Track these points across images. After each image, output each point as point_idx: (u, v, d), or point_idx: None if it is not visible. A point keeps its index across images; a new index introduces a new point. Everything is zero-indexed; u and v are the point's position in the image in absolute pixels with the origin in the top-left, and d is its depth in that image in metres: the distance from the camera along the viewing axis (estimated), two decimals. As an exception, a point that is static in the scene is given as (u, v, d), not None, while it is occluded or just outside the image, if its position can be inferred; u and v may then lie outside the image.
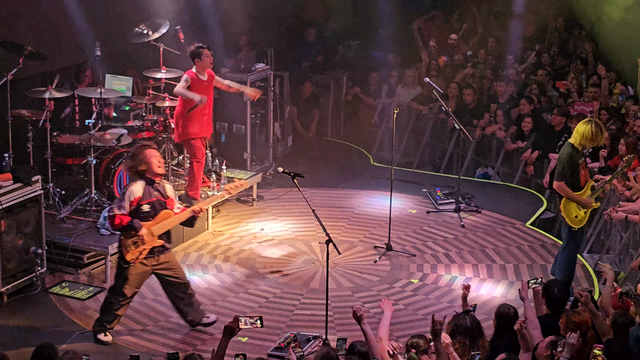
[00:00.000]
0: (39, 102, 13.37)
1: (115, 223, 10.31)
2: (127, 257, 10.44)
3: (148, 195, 10.38)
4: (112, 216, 10.31)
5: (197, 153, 13.23)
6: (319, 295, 11.81)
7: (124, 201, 10.29)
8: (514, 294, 12.03)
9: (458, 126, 14.57)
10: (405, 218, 14.54)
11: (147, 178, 10.40)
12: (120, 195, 10.46)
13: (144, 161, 10.37)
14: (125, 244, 10.41)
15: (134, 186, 10.34)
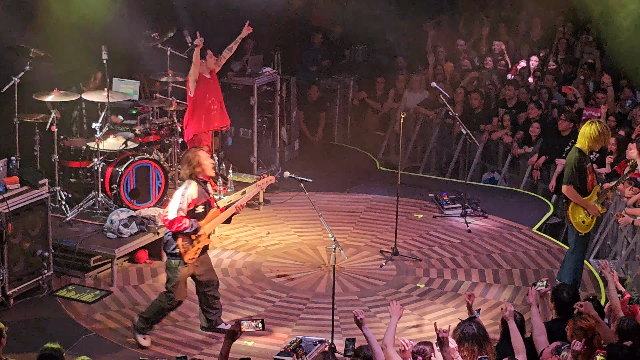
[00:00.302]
0: (46, 106, 13.37)
1: (174, 225, 10.36)
2: (186, 257, 10.50)
3: (202, 196, 10.51)
4: (172, 219, 10.34)
5: None
6: (325, 299, 11.81)
7: (184, 204, 10.35)
8: (520, 299, 12.02)
9: (465, 131, 14.56)
10: (412, 222, 14.53)
11: (199, 180, 10.50)
12: (177, 197, 10.44)
13: (199, 164, 10.47)
14: (183, 245, 10.46)
15: (190, 188, 10.43)
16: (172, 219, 10.36)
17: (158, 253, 13.02)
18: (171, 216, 10.36)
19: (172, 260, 10.59)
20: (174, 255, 10.54)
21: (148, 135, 13.86)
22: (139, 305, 11.80)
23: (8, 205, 11.28)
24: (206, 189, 10.62)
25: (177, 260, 10.54)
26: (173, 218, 10.35)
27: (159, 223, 12.83)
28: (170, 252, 10.59)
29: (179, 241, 10.46)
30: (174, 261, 10.55)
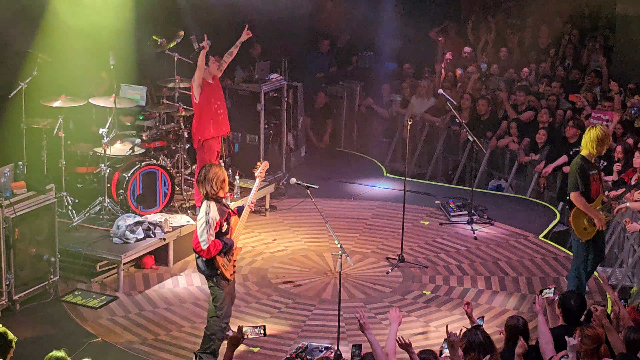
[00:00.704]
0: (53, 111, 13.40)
1: (212, 252, 10.13)
2: (227, 274, 10.34)
3: (222, 213, 10.28)
4: (208, 248, 10.10)
5: (209, 159, 13.24)
6: (331, 305, 11.82)
7: (211, 228, 10.13)
8: (526, 306, 12.02)
9: (471, 138, 14.56)
10: (418, 229, 14.52)
11: (217, 198, 10.30)
12: (202, 224, 10.12)
13: (219, 186, 10.23)
14: (223, 264, 10.29)
15: (212, 211, 10.15)
16: (206, 248, 10.11)
17: (164, 259, 13.05)
18: (205, 245, 10.09)
19: (214, 279, 10.39)
20: (216, 275, 10.36)
21: (155, 141, 13.87)
22: (145, 311, 11.81)
23: (15, 210, 11.30)
24: (224, 205, 10.45)
25: (219, 279, 10.37)
26: (207, 246, 10.10)
27: (165, 229, 12.84)
28: (209, 274, 10.38)
29: (219, 262, 10.27)
30: (216, 279, 10.38)
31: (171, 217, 13.21)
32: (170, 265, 13.08)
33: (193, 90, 13.19)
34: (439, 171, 17.99)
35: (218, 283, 10.34)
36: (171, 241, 13.01)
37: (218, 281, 10.34)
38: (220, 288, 10.36)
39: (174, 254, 13.11)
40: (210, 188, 10.15)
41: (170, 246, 13.02)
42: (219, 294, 10.39)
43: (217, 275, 10.30)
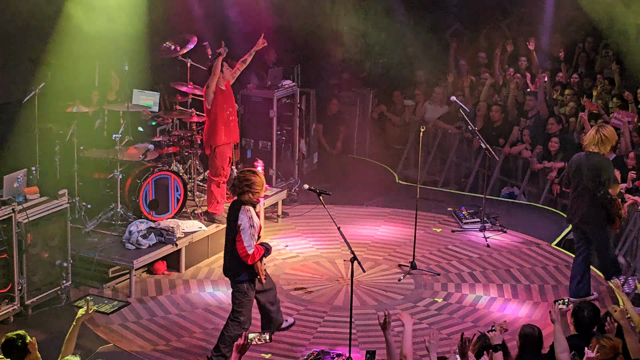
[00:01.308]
0: (66, 117, 13.43)
1: (257, 256, 10.30)
2: (263, 279, 10.51)
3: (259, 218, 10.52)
4: (253, 253, 10.25)
5: (219, 167, 13.26)
6: (343, 312, 11.80)
7: (255, 234, 10.29)
8: (538, 314, 11.99)
9: (484, 145, 14.54)
10: (430, 237, 14.51)
11: (254, 203, 10.43)
12: (247, 229, 10.27)
13: (259, 192, 10.40)
14: (259, 269, 10.42)
15: (254, 217, 10.32)
16: (252, 253, 10.26)
17: (176, 264, 13.05)
18: (251, 250, 10.25)
19: (244, 285, 10.47)
20: (247, 281, 10.45)
21: (167, 147, 13.88)
22: (157, 317, 11.82)
23: (27, 215, 11.32)
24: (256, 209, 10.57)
25: (246, 284, 10.45)
26: (252, 252, 10.26)
27: (177, 234, 12.85)
28: (241, 279, 10.46)
29: (259, 267, 10.38)
30: (245, 285, 10.46)
31: (183, 223, 13.22)
32: (182, 271, 13.09)
33: (206, 96, 13.20)
34: (451, 178, 17.96)
35: (247, 289, 10.43)
36: (183, 247, 13.02)
37: (248, 287, 10.43)
38: (248, 294, 10.46)
39: (186, 260, 13.13)
40: (247, 190, 10.30)
41: (182, 252, 13.03)
42: (245, 300, 10.47)
43: (250, 281, 10.41)
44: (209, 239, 13.48)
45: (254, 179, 10.35)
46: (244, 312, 10.50)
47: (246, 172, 10.43)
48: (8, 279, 11.33)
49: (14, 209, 11.19)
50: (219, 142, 13.29)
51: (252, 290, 10.50)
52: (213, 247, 13.54)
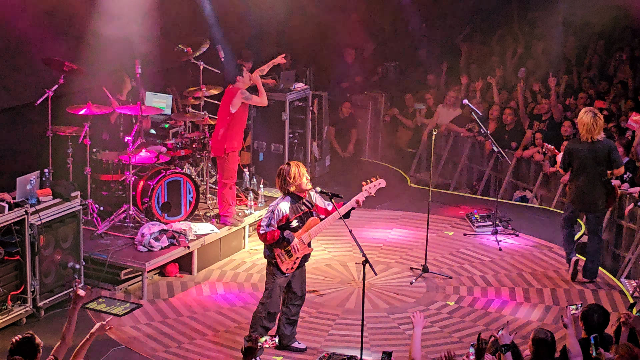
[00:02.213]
0: (79, 119, 13.46)
1: (267, 239, 10.49)
2: (283, 267, 10.60)
3: (295, 211, 10.58)
4: (263, 234, 10.46)
5: (230, 170, 13.27)
6: (355, 315, 11.79)
7: (273, 219, 10.44)
8: (550, 317, 11.97)
9: (496, 149, 14.53)
10: (442, 240, 14.49)
11: (293, 195, 10.55)
12: (269, 212, 10.52)
13: (294, 182, 10.51)
14: (279, 256, 10.57)
15: (281, 204, 10.50)
16: (262, 233, 10.47)
17: (188, 267, 13.07)
18: (262, 230, 10.47)
19: (270, 267, 10.71)
20: (271, 263, 10.68)
21: (180, 150, 13.90)
22: (168, 319, 11.83)
23: (40, 217, 11.35)
24: (302, 203, 10.64)
25: (275, 268, 10.65)
26: (264, 232, 10.45)
27: (189, 237, 12.87)
28: (269, 260, 10.70)
29: (275, 252, 10.56)
30: (272, 268, 10.68)
31: (195, 225, 13.24)
32: (194, 273, 13.10)
33: (235, 100, 13.10)
34: (463, 182, 17.95)
35: (273, 271, 10.66)
36: (195, 249, 13.03)
37: (274, 270, 10.65)
38: (274, 276, 10.66)
39: (198, 262, 13.14)
40: (282, 182, 10.54)
41: (194, 254, 13.04)
42: (270, 281, 10.70)
43: (273, 265, 10.60)
44: (221, 242, 13.49)
45: (283, 169, 10.60)
46: (269, 294, 10.68)
47: (281, 166, 10.67)
48: (21, 281, 11.36)
49: (27, 211, 11.22)
50: (237, 147, 13.30)
51: (278, 274, 10.64)
52: (225, 250, 13.56)
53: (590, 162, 12.68)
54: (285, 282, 10.75)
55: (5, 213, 11.00)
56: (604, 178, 12.72)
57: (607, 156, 12.64)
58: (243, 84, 13.16)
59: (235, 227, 13.60)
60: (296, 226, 10.58)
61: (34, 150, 13.81)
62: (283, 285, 10.74)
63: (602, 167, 12.68)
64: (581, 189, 12.84)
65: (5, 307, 11.20)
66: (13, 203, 11.16)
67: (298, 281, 10.90)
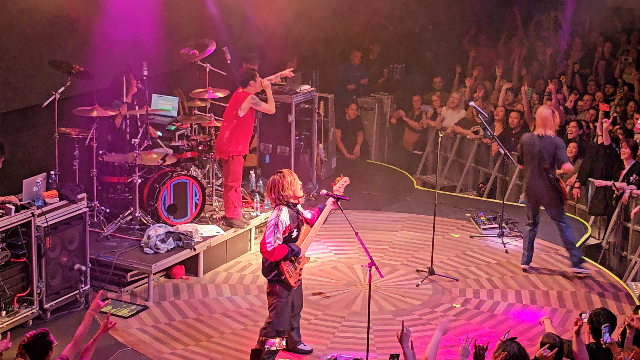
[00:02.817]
0: (85, 121, 13.47)
1: (276, 255, 10.22)
2: (291, 281, 10.40)
3: (294, 220, 10.39)
4: (271, 250, 10.19)
5: (236, 172, 13.27)
6: (361, 317, 11.79)
7: (279, 232, 10.23)
8: (557, 320, 11.95)
9: (503, 151, 14.52)
10: (448, 242, 14.49)
11: (289, 204, 10.39)
12: (271, 226, 10.26)
13: (288, 188, 10.35)
14: (287, 270, 10.34)
15: (282, 216, 10.27)
16: (271, 250, 10.19)
17: (194, 269, 13.08)
18: (270, 247, 10.19)
19: (275, 286, 10.44)
20: (277, 281, 10.42)
21: (186, 152, 13.90)
22: (175, 321, 11.84)
23: (47, 219, 11.36)
24: (297, 211, 10.48)
25: (281, 286, 10.41)
26: (272, 249, 10.19)
27: (195, 239, 12.88)
28: (272, 279, 10.44)
29: (283, 267, 10.32)
30: (278, 286, 10.42)
31: (202, 227, 13.25)
32: (201, 275, 13.11)
33: (243, 104, 13.12)
34: (469, 184, 17.94)
35: (279, 291, 10.40)
36: (201, 252, 13.04)
37: (279, 289, 10.39)
38: (279, 296, 10.41)
39: (204, 264, 13.15)
40: (274, 192, 10.33)
41: (200, 257, 13.05)
42: (277, 301, 10.44)
43: (280, 282, 10.37)
44: (227, 244, 13.50)
45: (274, 179, 10.39)
46: (275, 314, 10.46)
47: (274, 175, 10.45)
48: (27, 283, 11.37)
49: (33, 213, 11.23)
50: (243, 151, 13.29)
51: (284, 292, 10.43)
52: (231, 252, 13.57)
53: (537, 156, 13.00)
54: (291, 297, 10.57)
55: (11, 215, 11.01)
56: (550, 174, 13.00)
57: (553, 152, 12.92)
58: (254, 89, 13.15)
59: (241, 230, 13.60)
60: (296, 236, 10.46)
61: (40, 152, 13.82)
62: (290, 301, 10.55)
63: (546, 162, 12.95)
64: (528, 182, 13.31)
65: (12, 308, 11.21)
66: (19, 205, 11.17)
67: (298, 295, 10.78)
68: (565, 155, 13.18)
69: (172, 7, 15.64)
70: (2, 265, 11.01)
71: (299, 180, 10.57)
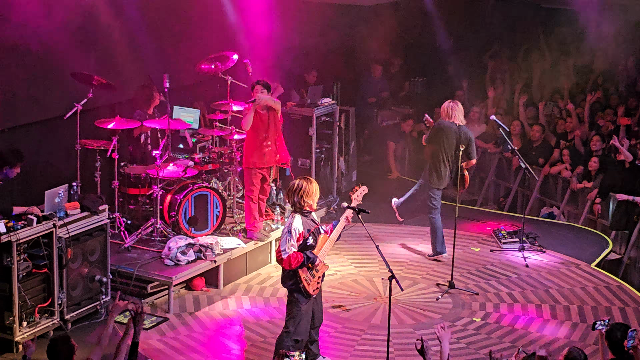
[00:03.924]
0: (107, 132, 13.52)
1: (292, 263, 10.22)
2: (310, 290, 10.39)
3: (308, 227, 10.39)
4: (286, 258, 10.21)
5: (252, 183, 13.30)
6: (381, 331, 11.79)
7: (292, 239, 10.24)
8: (577, 335, 11.91)
9: (524, 165, 14.49)
10: (469, 256, 14.46)
11: (302, 211, 10.41)
12: (284, 234, 10.31)
13: (311, 197, 10.39)
14: (305, 279, 10.34)
15: (295, 223, 10.29)
16: (286, 258, 10.21)
17: (215, 281, 13.09)
18: (284, 255, 10.21)
19: (294, 295, 10.44)
20: (295, 290, 10.42)
21: (207, 164, 13.94)
22: (195, 333, 11.85)
23: (68, 230, 11.41)
24: (311, 219, 10.49)
25: (299, 294, 10.41)
26: (287, 256, 10.20)
27: (216, 251, 12.90)
28: (290, 287, 10.45)
29: (300, 275, 10.32)
30: (297, 295, 10.42)
31: (222, 239, 13.27)
32: (221, 287, 13.13)
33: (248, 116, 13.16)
34: (490, 197, 17.91)
35: (297, 299, 10.39)
36: (222, 263, 13.06)
37: (297, 297, 10.39)
38: (298, 304, 10.41)
39: (225, 276, 13.17)
40: (293, 197, 10.36)
41: (220, 268, 13.07)
42: (295, 310, 10.44)
43: (298, 290, 10.36)
44: (247, 256, 13.52)
45: (301, 185, 10.41)
46: (293, 323, 10.46)
47: (301, 179, 10.48)
48: (48, 294, 11.42)
49: (55, 224, 11.28)
50: (249, 164, 13.30)
51: (303, 301, 10.42)
52: (251, 264, 13.58)
53: (452, 142, 13.66)
54: (311, 306, 10.54)
55: (33, 226, 11.06)
56: (458, 163, 13.50)
57: (467, 144, 13.53)
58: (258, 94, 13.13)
59: (261, 242, 13.61)
60: (312, 243, 10.44)
61: (62, 164, 13.87)
62: (310, 310, 10.53)
63: (457, 151, 13.38)
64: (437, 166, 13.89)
65: (33, 319, 11.26)
66: (41, 216, 11.23)
67: (318, 308, 10.76)
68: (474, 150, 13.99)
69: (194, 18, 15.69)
70: (23, 276, 11.06)
71: (317, 191, 10.57)
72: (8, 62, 13.41)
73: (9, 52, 13.34)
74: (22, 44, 13.45)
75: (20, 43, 13.42)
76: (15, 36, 13.31)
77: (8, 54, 13.35)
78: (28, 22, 13.42)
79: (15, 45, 13.37)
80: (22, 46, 13.44)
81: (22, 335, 11.05)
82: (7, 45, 13.24)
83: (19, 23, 13.27)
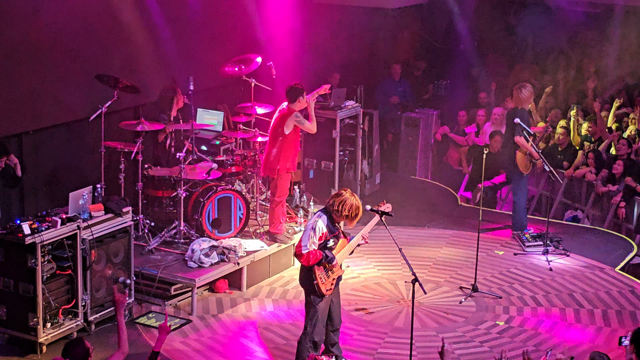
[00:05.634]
0: (131, 135, 13.57)
1: (310, 259, 10.26)
2: (323, 289, 10.41)
3: (331, 229, 10.44)
4: (305, 254, 10.24)
5: (284, 188, 13.31)
6: (403, 334, 11.76)
7: (315, 237, 10.29)
8: (601, 339, 11.86)
9: (548, 168, 14.44)
10: (492, 259, 14.42)
11: (330, 215, 10.42)
12: (308, 230, 10.35)
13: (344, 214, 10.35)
14: (320, 277, 10.38)
15: (319, 222, 10.33)
16: (305, 253, 10.24)
17: (238, 283, 13.11)
18: (304, 250, 10.25)
19: (310, 295, 10.47)
20: (311, 290, 10.45)
21: (231, 166, 13.96)
22: (218, 335, 11.87)
23: (92, 232, 11.45)
24: (336, 225, 10.52)
25: (315, 293, 10.43)
26: (307, 252, 10.24)
27: (239, 253, 12.91)
28: (306, 286, 10.49)
29: (316, 273, 10.36)
30: (312, 296, 10.46)
31: (245, 242, 13.28)
32: (244, 290, 13.14)
33: (288, 121, 13.12)
34: (514, 201, 17.85)
35: (313, 299, 10.43)
36: (245, 266, 13.07)
37: (314, 298, 10.42)
38: (314, 303, 10.43)
39: (248, 278, 13.18)
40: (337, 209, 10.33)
41: (244, 271, 13.08)
42: (312, 309, 10.48)
43: (313, 291, 10.38)
44: (270, 259, 13.53)
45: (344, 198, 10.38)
46: (310, 324, 10.49)
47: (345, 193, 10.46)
48: (72, 295, 11.46)
49: (79, 226, 11.32)
50: (291, 168, 13.31)
51: (317, 300, 10.43)
52: (274, 267, 13.59)
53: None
54: (327, 307, 10.55)
55: (57, 227, 11.10)
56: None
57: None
58: (300, 105, 13.15)
59: (284, 245, 13.62)
60: (331, 245, 10.47)
61: (86, 166, 13.93)
62: (325, 311, 10.54)
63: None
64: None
65: (57, 320, 11.30)
66: (65, 218, 11.27)
67: (337, 309, 10.75)
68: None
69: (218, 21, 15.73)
70: (47, 277, 11.10)
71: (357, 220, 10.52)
72: (34, 64, 13.48)
73: (34, 54, 13.41)
74: (47, 46, 13.52)
75: (46, 45, 13.49)
76: (41, 38, 13.38)
77: (34, 56, 13.43)
78: (53, 24, 13.51)
79: (41, 48, 13.44)
80: (47, 48, 13.52)
81: (45, 337, 11.10)
82: (33, 47, 13.31)
83: (44, 25, 13.35)
